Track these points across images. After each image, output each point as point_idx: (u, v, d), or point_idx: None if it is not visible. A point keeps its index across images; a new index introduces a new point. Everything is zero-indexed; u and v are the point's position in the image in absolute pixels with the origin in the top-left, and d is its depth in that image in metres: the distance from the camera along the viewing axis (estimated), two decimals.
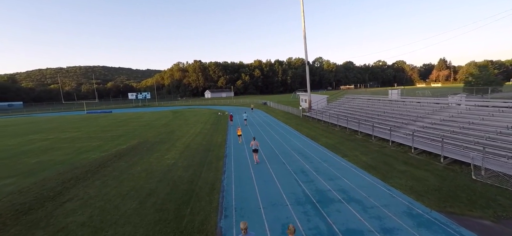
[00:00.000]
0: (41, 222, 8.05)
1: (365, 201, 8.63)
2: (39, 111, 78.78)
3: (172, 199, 9.67)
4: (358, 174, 11.32)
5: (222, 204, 9.19)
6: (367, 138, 17.96)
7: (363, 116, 22.36)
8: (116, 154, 16.99)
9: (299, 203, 8.85)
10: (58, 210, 8.91)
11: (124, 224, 7.91)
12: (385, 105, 23.35)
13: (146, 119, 40.16)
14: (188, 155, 16.33)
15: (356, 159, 13.47)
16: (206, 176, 12.25)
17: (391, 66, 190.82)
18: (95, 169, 13.79)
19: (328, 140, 18.55)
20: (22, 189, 10.99)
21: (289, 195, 9.60)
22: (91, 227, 7.75)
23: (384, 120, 19.73)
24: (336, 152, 15.15)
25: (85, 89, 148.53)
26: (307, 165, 13.16)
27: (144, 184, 11.29)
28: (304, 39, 34.80)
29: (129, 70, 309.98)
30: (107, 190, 10.69)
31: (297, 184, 10.66)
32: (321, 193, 9.56)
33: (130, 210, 8.81)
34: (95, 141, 22.35)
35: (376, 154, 14.05)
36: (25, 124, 40.59)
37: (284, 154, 15.59)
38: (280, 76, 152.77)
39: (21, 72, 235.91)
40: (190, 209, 8.88)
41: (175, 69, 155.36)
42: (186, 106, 73.37)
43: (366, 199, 8.80)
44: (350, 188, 9.87)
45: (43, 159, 16.44)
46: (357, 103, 28.35)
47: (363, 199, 8.78)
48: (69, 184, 11.45)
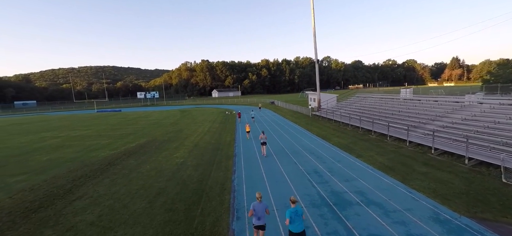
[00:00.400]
0: (50, 221, 7.89)
1: (386, 204, 8.09)
2: (51, 110, 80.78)
3: (182, 199, 9.38)
4: (375, 176, 10.75)
5: (234, 205, 8.83)
6: (382, 138, 17.27)
7: (376, 115, 21.61)
8: (125, 152, 16.92)
9: (315, 205, 8.39)
10: (68, 208, 8.75)
11: (134, 224, 7.65)
12: (400, 104, 22.50)
13: (155, 118, 40.36)
14: (197, 154, 16.07)
15: (371, 160, 12.87)
16: (215, 175, 11.94)
17: (401, 65, 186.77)
18: (104, 167, 13.69)
19: (340, 140, 17.95)
20: (32, 186, 10.95)
21: (304, 196, 9.15)
22: (100, 226, 7.52)
23: (399, 119, 18.96)
24: (350, 152, 14.57)
25: (95, 89, 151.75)
26: (320, 165, 12.66)
27: (153, 183, 11.06)
28: (314, 36, 34.14)
29: (138, 70, 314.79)
30: (116, 189, 10.50)
31: (311, 185, 10.19)
32: (338, 195, 9.07)
33: (140, 210, 8.56)
34: (104, 139, 22.44)
35: (393, 155, 13.41)
36: (37, 122, 41.48)
37: (295, 153, 15.12)
38: (287, 76, 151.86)
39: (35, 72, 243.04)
40: (200, 209, 8.56)
41: (183, 68, 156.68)
42: (194, 105, 73.68)
43: (387, 202, 8.26)
44: (368, 190, 9.33)
45: (54, 156, 16.53)
46: (369, 102, 27.52)
47: (384, 202, 8.24)
48: (79, 182, 11.34)
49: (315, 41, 34.36)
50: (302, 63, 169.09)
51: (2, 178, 12.23)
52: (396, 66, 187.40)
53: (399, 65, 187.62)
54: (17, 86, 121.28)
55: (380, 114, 21.57)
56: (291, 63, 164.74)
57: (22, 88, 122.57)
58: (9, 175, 12.80)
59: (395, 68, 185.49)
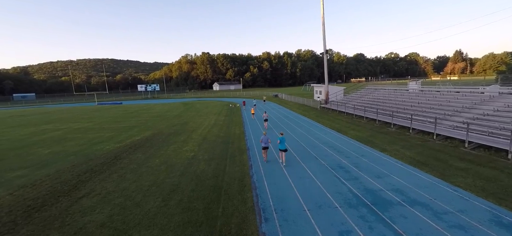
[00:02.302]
0: (56, 222, 7.00)
1: (433, 205, 7.20)
2: (51, 102, 79.57)
3: (199, 197, 8.50)
4: (408, 171, 9.86)
5: (258, 204, 7.94)
6: (403, 131, 16.35)
7: (394, 107, 20.59)
8: (131, 146, 16.00)
9: (351, 205, 7.50)
10: (74, 207, 7.86)
11: (150, 226, 6.77)
12: (418, 96, 21.48)
13: (158, 111, 39.37)
14: (207, 147, 15.17)
15: (398, 154, 11.97)
16: (231, 170, 11.05)
17: (403, 58, 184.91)
18: (110, 161, 12.79)
19: (357, 133, 17.04)
20: (34, 182, 10.05)
21: (335, 195, 8.26)
22: (112, 228, 6.64)
23: (421, 111, 17.96)
24: (372, 146, 13.66)
25: (95, 82, 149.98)
26: (343, 160, 11.76)
27: (165, 179, 10.17)
28: (323, 25, 32.88)
29: (137, 63, 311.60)
30: (126, 185, 9.61)
31: (340, 182, 9.30)
32: (373, 194, 8.18)
33: (154, 209, 7.68)
34: (108, 132, 21.50)
35: (421, 149, 12.50)
36: (37, 115, 40.45)
37: (312, 147, 14.22)
38: (289, 69, 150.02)
39: (33, 65, 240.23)
40: (222, 209, 7.68)
41: (183, 61, 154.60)
42: (195, 98, 72.55)
43: (433, 202, 7.37)
44: (405, 187, 8.45)
45: (56, 149, 15.60)
46: (382, 94, 26.51)
47: (429, 202, 7.36)
48: (85, 177, 10.44)
49: (324, 30, 33.11)
50: (304, 56, 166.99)
51: (2, 173, 11.33)
52: (399, 59, 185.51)
53: (402, 58, 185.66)
54: (15, 79, 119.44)
55: (398, 106, 20.56)
56: (293, 56, 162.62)
57: (20, 81, 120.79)
58: (9, 169, 11.88)
59: (397, 62, 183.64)
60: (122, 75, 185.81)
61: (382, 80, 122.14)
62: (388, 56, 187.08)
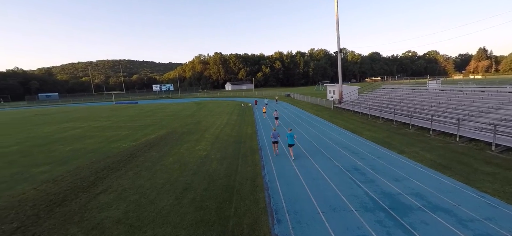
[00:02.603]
0: (75, 217, 7.25)
1: (457, 211, 6.78)
2: (72, 102, 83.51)
3: (211, 196, 8.52)
4: (429, 175, 9.38)
5: (271, 204, 7.84)
6: (422, 132, 15.63)
7: (412, 107, 19.74)
8: (146, 144, 16.39)
9: (367, 209, 7.22)
10: (92, 203, 8.12)
11: (163, 223, 6.85)
12: (438, 96, 20.46)
13: (171, 110, 40.18)
14: (220, 146, 15.24)
15: (418, 156, 11.43)
16: (243, 170, 11.01)
17: (422, 56, 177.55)
18: (126, 158, 13.14)
19: (373, 134, 16.48)
20: (56, 178, 10.51)
21: (350, 198, 7.99)
22: (127, 225, 6.78)
23: (442, 112, 17.09)
24: (389, 148, 13.15)
25: (112, 82, 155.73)
26: (358, 161, 11.40)
27: (178, 177, 10.30)
28: (337, 24, 32.14)
29: (152, 64, 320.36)
30: (141, 182, 9.82)
31: (355, 184, 9.00)
32: (391, 197, 7.83)
33: (167, 207, 7.78)
34: (124, 130, 22.18)
35: (442, 151, 11.87)
36: (60, 113, 42.53)
37: (326, 148, 13.91)
38: (301, 68, 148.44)
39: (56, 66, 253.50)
40: (234, 209, 7.64)
41: (196, 61, 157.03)
42: (208, 97, 73.43)
43: (457, 208, 6.95)
44: (426, 192, 8.02)
45: (76, 147, 16.28)
46: (400, 93, 25.51)
47: (453, 209, 6.93)
48: (102, 174, 10.79)
49: (338, 28, 32.37)
50: (317, 56, 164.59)
51: (27, 168, 11.95)
52: (417, 57, 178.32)
53: (420, 56, 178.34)
54: (40, 79, 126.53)
55: (416, 106, 19.68)
56: (305, 56, 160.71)
57: (45, 81, 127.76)
58: (34, 165, 12.52)
59: (415, 60, 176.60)
60: (138, 75, 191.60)
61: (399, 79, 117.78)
62: (405, 54, 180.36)
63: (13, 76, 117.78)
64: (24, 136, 21.32)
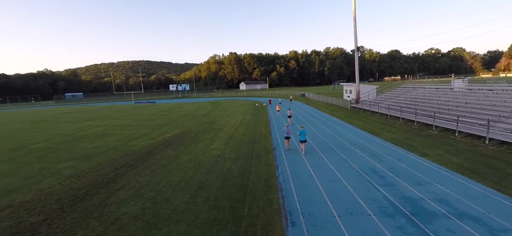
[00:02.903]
0: (96, 211, 7.56)
1: (487, 220, 6.29)
2: (95, 101, 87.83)
3: (225, 195, 8.54)
4: (455, 180, 8.80)
5: (285, 206, 7.71)
6: (447, 133, 14.74)
7: (436, 107, 18.68)
8: (162, 142, 16.81)
9: (387, 214, 6.89)
10: (111, 199, 8.42)
11: (178, 221, 6.95)
12: (465, 95, 19.19)
13: (187, 109, 41.02)
14: (234, 146, 15.29)
15: (442, 160, 10.78)
16: (257, 170, 10.95)
17: (446, 54, 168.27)
18: (144, 156, 13.55)
19: (393, 135, 15.79)
20: (79, 173, 11.04)
21: (368, 201, 7.67)
22: (144, 221, 6.95)
23: (469, 112, 16.02)
24: (410, 150, 12.52)
25: (132, 82, 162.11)
26: (377, 164, 10.95)
27: (193, 175, 10.43)
28: (354, 21, 31.21)
29: (169, 64, 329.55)
30: (157, 180, 10.06)
31: (373, 187, 8.64)
32: (413, 202, 7.42)
33: (182, 205, 7.89)
34: (142, 129, 22.92)
35: (470, 154, 11.11)
36: (83, 112, 44.86)
37: (342, 149, 13.51)
38: (316, 67, 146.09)
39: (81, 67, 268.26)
40: (247, 209, 7.60)
41: (211, 61, 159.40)
42: (223, 97, 74.21)
43: (487, 216, 6.44)
44: (452, 197, 7.53)
45: (98, 144, 17.04)
46: (421, 93, 24.26)
47: (483, 217, 6.44)
48: (121, 171, 11.19)
49: (355, 26, 31.44)
50: (333, 54, 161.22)
51: (53, 164, 12.66)
52: (440, 55, 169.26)
53: (444, 54, 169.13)
54: (67, 80, 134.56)
55: (440, 106, 18.59)
56: (321, 54, 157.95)
57: (71, 82, 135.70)
58: (59, 161, 13.26)
59: (438, 58, 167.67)
60: (156, 75, 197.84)
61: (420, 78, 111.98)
62: (428, 52, 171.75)
63: (43, 77, 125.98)
64: (51, 133, 22.67)
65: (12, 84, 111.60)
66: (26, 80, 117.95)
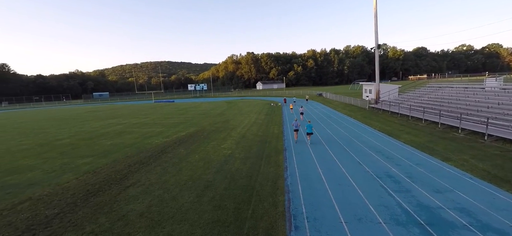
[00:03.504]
0: (105, 207, 7.84)
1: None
2: (119, 100, 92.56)
3: (230, 196, 8.47)
4: (480, 188, 8.01)
5: (290, 209, 7.47)
6: (474, 137, 13.53)
7: (464, 108, 17.24)
8: (176, 141, 17.19)
9: (399, 223, 6.41)
10: (122, 195, 8.71)
11: (181, 220, 6.99)
12: (498, 95, 17.49)
13: (203, 109, 41.76)
14: (245, 145, 15.22)
15: (467, 165, 9.88)
16: (265, 171, 10.77)
17: (480, 51, 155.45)
18: (157, 154, 13.92)
19: (413, 138, 14.83)
20: (96, 169, 11.59)
21: (379, 208, 7.21)
22: (149, 219, 7.08)
23: (502, 114, 14.59)
24: (432, 154, 11.65)
25: (154, 82, 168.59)
26: (393, 168, 10.30)
27: (201, 175, 10.50)
28: (375, 18, 29.81)
29: (189, 64, 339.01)
30: (167, 178, 10.25)
31: (386, 193, 8.11)
32: (429, 211, 6.85)
33: (187, 204, 7.94)
34: (159, 127, 23.65)
35: (500, 160, 10.08)
36: (107, 111, 47.41)
37: (356, 151, 12.91)
38: (335, 66, 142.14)
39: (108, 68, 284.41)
40: (251, 211, 7.47)
41: (229, 61, 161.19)
42: (239, 97, 74.72)
43: None
44: (475, 207, 6.84)
45: (116, 141, 17.83)
46: (448, 92, 22.55)
47: (510, 230, 5.76)
48: (134, 168, 11.57)
49: (376, 23, 30.00)
50: (353, 53, 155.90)
51: (73, 160, 13.43)
52: (473, 52, 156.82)
53: (477, 51, 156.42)
54: (95, 80, 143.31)
55: (469, 107, 17.12)
56: (341, 53, 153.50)
57: (98, 82, 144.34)
58: (79, 156, 14.04)
59: (470, 55, 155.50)
60: (176, 75, 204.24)
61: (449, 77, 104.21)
62: (459, 48, 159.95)
63: (74, 77, 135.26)
64: (75, 130, 24.16)
65: (47, 84, 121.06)
66: (60, 81, 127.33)
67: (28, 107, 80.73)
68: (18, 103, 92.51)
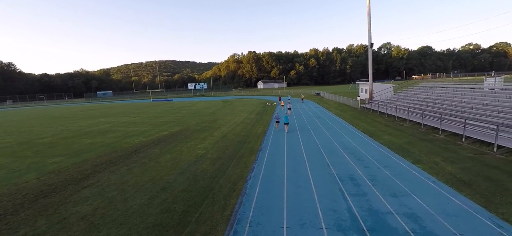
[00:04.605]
0: (51, 209, 7.72)
1: None
2: (119, 99, 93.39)
3: (184, 198, 8.26)
4: (439, 192, 7.62)
5: (237, 213, 7.23)
6: (454, 138, 13.02)
7: (447, 109, 16.69)
8: (155, 140, 17.08)
9: (340, 229, 6.11)
10: (74, 196, 8.58)
11: (121, 224, 6.81)
12: (485, 96, 16.84)
13: (197, 108, 41.71)
14: (222, 146, 15.01)
15: (436, 168, 9.47)
16: (231, 172, 10.54)
17: (487, 49, 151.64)
18: (129, 154, 13.81)
19: (393, 139, 14.40)
20: (61, 169, 11.54)
21: (328, 212, 6.91)
22: (89, 222, 6.92)
23: (482, 115, 14.05)
24: (404, 156, 11.24)
25: (158, 81, 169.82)
26: (359, 170, 9.95)
27: (164, 176, 10.33)
28: (368, 16, 29.22)
29: (193, 63, 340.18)
30: (128, 179, 10.11)
31: (342, 197, 7.79)
32: (377, 217, 6.52)
33: (136, 206, 7.76)
34: (144, 126, 23.62)
35: (471, 163, 9.62)
36: (102, 109, 47.77)
37: (330, 153, 12.57)
38: (338, 65, 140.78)
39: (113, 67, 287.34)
40: (198, 214, 7.25)
41: (230, 60, 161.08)
42: (238, 96, 74.59)
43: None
44: (426, 213, 6.48)
45: (96, 140, 17.82)
46: (438, 92, 21.89)
47: None
48: (100, 168, 11.47)
49: (369, 21, 29.41)
50: (356, 51, 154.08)
51: (44, 159, 13.42)
52: (480, 51, 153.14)
53: (484, 49, 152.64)
54: (99, 79, 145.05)
55: (453, 107, 16.54)
56: (343, 52, 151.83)
57: (103, 81, 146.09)
58: (52, 156, 14.02)
59: (477, 54, 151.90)
60: (180, 74, 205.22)
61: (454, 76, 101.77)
62: (465, 47, 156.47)
63: (78, 76, 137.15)
64: (61, 129, 24.30)
65: (52, 83, 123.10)
66: (64, 79, 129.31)
67: (29, 106, 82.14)
68: (21, 101, 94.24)
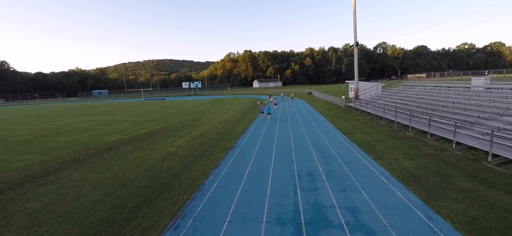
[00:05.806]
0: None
1: (382, 233, 5.33)
2: (113, 98, 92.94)
3: (139, 195, 8.25)
4: (387, 187, 7.70)
5: (186, 208, 7.25)
6: (421, 136, 13.15)
7: (420, 107, 16.85)
8: (132, 138, 17.03)
9: (279, 222, 6.16)
10: (28, 193, 8.54)
11: (65, 220, 6.79)
12: (458, 94, 17.02)
13: (187, 106, 41.63)
14: (197, 143, 15.02)
15: (394, 164, 9.56)
16: (196, 169, 10.55)
17: (482, 49, 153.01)
18: (101, 151, 13.76)
19: (365, 136, 14.50)
20: (26, 166, 11.46)
21: (273, 206, 6.96)
22: (33, 219, 6.88)
23: (450, 113, 14.19)
24: (369, 153, 11.34)
25: (154, 80, 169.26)
26: (320, 166, 10.02)
27: (127, 173, 10.31)
28: (354, 14, 29.39)
29: (191, 63, 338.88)
30: (89, 176, 10.07)
31: (293, 192, 7.85)
32: (319, 210, 6.58)
33: (87, 203, 7.74)
34: (127, 124, 23.53)
35: (428, 160, 9.72)
36: (91, 108, 47.44)
37: (299, 150, 12.63)
38: (333, 65, 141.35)
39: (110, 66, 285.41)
40: (148, 210, 7.25)
41: (226, 59, 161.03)
42: (231, 95, 74.61)
43: (385, 229, 5.47)
44: (366, 207, 6.55)
45: (72, 138, 17.72)
46: (417, 91, 22.09)
47: (380, 229, 5.48)
48: (65, 165, 11.42)
49: (355, 19, 29.59)
50: (352, 51, 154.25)
51: (13, 156, 13.31)
52: (475, 50, 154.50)
53: (479, 49, 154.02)
54: (94, 78, 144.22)
55: (426, 106, 16.69)
56: (339, 51, 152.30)
57: (98, 79, 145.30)
58: (22, 153, 13.92)
59: (472, 54, 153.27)
60: (177, 73, 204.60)
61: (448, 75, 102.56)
62: (460, 47, 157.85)
63: (73, 75, 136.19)
64: (42, 127, 24.10)
65: (47, 82, 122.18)
66: (59, 78, 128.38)
67: (20, 104, 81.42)
68: (13, 100, 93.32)
